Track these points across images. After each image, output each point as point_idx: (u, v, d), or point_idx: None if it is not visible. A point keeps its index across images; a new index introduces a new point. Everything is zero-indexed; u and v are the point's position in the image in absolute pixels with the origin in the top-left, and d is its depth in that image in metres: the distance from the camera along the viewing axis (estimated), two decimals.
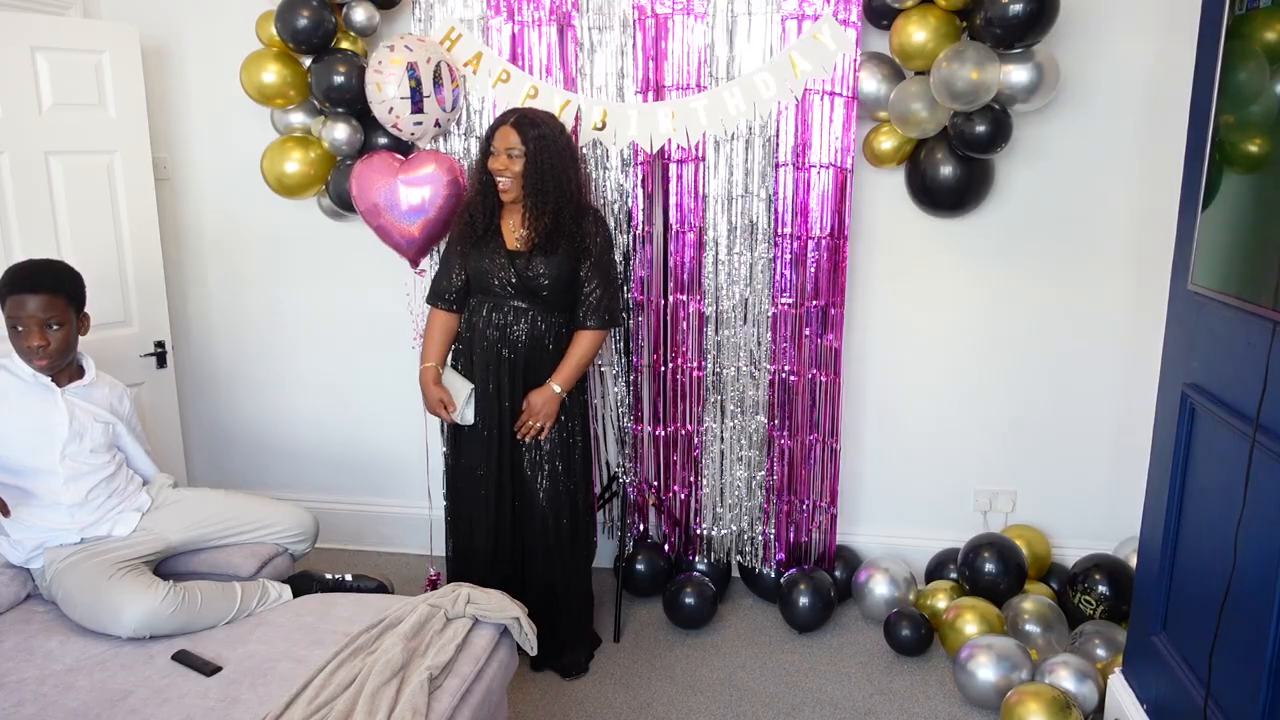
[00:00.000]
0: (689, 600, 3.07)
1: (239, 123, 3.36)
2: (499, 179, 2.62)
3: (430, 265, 3.14)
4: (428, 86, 2.80)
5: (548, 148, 2.58)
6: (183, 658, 2.11)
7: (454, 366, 2.82)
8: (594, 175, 3.06)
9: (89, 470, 2.41)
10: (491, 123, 2.70)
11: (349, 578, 2.57)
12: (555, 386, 2.68)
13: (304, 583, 2.52)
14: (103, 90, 3.08)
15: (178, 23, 3.39)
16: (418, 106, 2.80)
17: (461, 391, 2.72)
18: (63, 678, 2.04)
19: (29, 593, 2.39)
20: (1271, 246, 1.70)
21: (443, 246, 2.95)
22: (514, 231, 2.68)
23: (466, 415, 2.73)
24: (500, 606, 2.25)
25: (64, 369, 2.41)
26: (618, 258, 3.01)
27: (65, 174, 3.01)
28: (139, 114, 3.17)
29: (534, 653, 2.31)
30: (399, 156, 2.95)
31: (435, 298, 2.82)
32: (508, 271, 2.64)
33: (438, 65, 2.83)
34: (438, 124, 2.91)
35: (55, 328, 2.32)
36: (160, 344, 3.30)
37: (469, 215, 2.70)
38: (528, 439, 2.72)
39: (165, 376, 3.34)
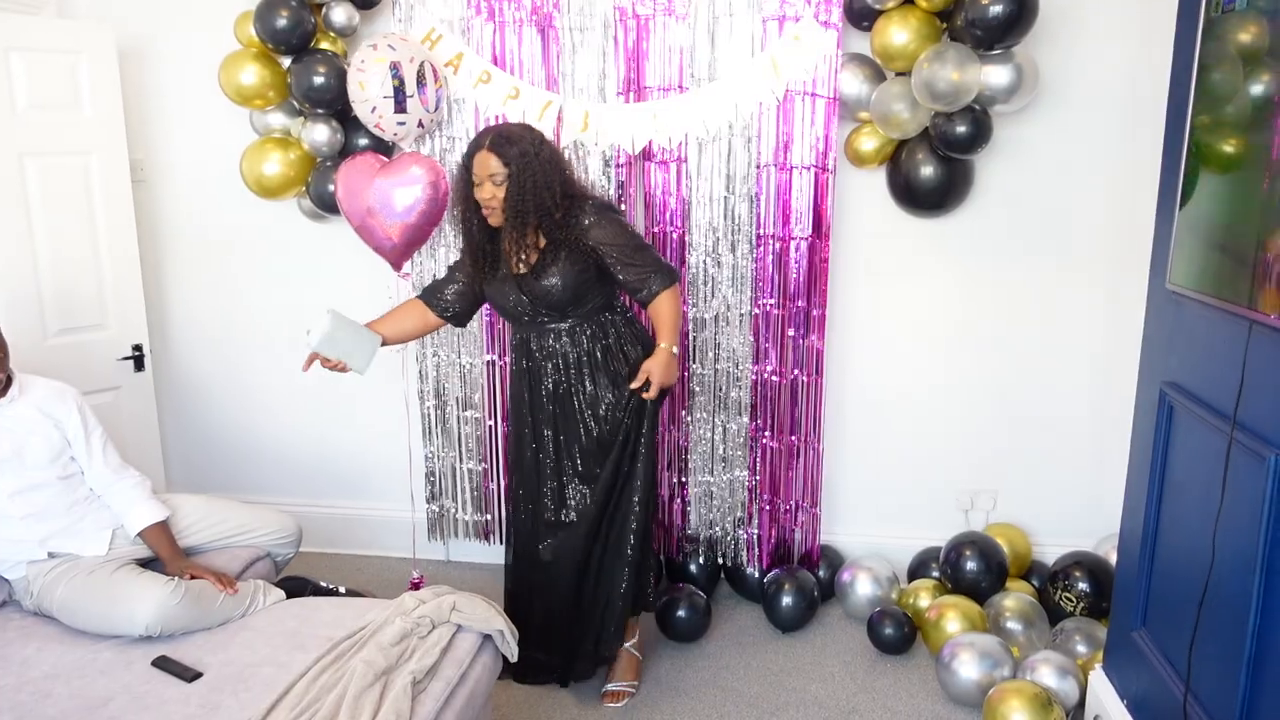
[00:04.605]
0: (681, 613, 3.01)
1: (217, 124, 3.32)
2: (484, 208, 2.48)
3: (414, 267, 3.12)
4: (411, 86, 2.79)
5: (529, 165, 2.40)
6: (163, 664, 2.08)
7: (514, 396, 2.69)
8: (576, 176, 3.05)
9: (34, 485, 2.32)
10: (468, 147, 2.52)
11: (342, 590, 2.54)
12: (664, 344, 2.54)
13: (298, 586, 2.49)
14: (78, 91, 3.04)
15: (154, 23, 3.35)
16: (401, 106, 2.79)
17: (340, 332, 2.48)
18: (40, 685, 2.02)
19: (4, 599, 2.36)
20: (1248, 246, 1.72)
21: (444, 254, 2.89)
22: (513, 255, 2.54)
23: (355, 359, 2.50)
24: (485, 617, 2.23)
25: None
26: None
27: (41, 175, 2.97)
28: (115, 115, 3.14)
29: (514, 659, 2.29)
30: (382, 158, 2.93)
31: (429, 294, 2.67)
32: (520, 297, 2.53)
33: (421, 65, 2.82)
34: (420, 124, 2.89)
35: None
36: (138, 347, 3.26)
37: (476, 251, 2.58)
38: (651, 395, 2.55)
39: (143, 380, 3.30)
